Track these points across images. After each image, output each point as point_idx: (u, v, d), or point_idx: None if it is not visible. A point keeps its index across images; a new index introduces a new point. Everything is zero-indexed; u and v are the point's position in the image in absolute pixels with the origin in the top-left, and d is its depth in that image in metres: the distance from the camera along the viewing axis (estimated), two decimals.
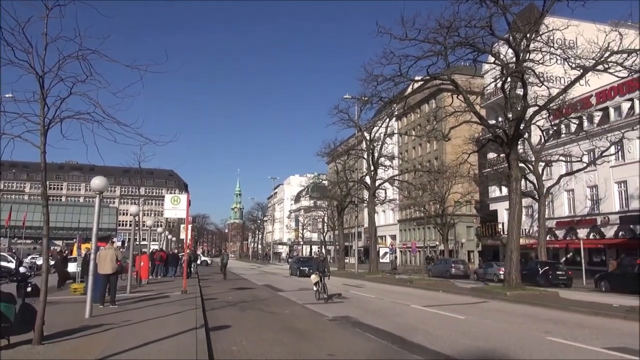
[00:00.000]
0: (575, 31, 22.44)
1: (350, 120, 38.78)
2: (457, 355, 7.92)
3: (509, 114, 21.78)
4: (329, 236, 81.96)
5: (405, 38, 20.90)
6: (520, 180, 22.36)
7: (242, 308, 14.02)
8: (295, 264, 38.71)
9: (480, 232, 52.73)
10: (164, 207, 20.34)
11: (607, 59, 18.56)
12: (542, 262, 29.85)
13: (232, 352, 7.71)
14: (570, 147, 36.23)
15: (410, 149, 67.81)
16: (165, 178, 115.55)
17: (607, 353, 8.15)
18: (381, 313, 13.77)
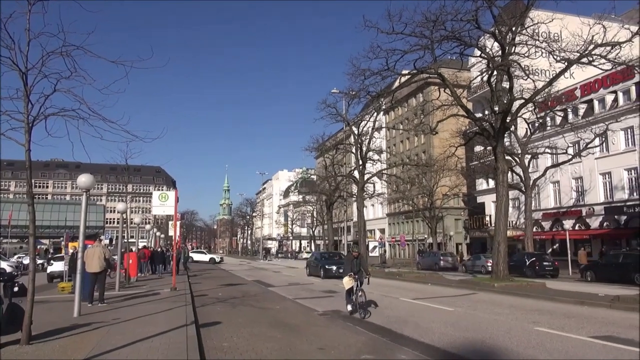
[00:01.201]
0: (559, 24, 22.60)
1: (338, 115, 38.78)
2: (447, 347, 8.00)
3: (496, 107, 21.94)
4: (318, 231, 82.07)
5: (392, 32, 20.94)
6: (507, 173, 22.56)
7: (233, 304, 14.00)
8: (317, 261, 28.54)
9: (468, 224, 53.19)
10: (152, 204, 20.20)
11: (591, 51, 18.77)
12: (529, 253, 30.27)
13: (223, 348, 7.71)
14: (556, 139, 36.65)
15: (398, 143, 68.03)
16: (152, 175, 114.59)
17: (592, 342, 8.30)
18: (371, 306, 13.83)
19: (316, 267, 27.44)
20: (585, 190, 37.48)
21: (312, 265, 28.75)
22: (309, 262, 30.08)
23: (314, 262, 28.89)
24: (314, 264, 28.45)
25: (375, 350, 7.49)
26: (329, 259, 28.10)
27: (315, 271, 27.50)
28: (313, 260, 29.44)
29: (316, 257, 30.13)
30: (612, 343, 8.12)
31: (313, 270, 28.02)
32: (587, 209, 37.09)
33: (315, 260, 29.11)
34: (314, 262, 28.65)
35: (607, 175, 35.99)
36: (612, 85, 35.52)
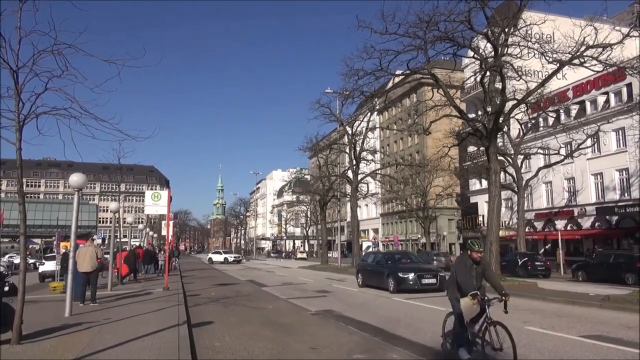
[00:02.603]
0: (552, 26, 22.75)
1: (332, 115, 38.85)
2: (439, 347, 8.03)
3: (488, 107, 22.04)
4: (312, 230, 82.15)
5: (386, 32, 20.98)
6: (499, 173, 22.67)
7: (225, 304, 13.98)
8: (379, 266, 19.65)
9: (461, 224, 53.40)
10: (145, 203, 20.12)
11: (582, 53, 18.90)
12: (521, 253, 30.42)
13: (215, 348, 7.70)
14: (548, 140, 36.87)
15: (392, 143, 68.17)
16: (145, 174, 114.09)
17: (583, 341, 8.37)
18: (364, 306, 13.88)
19: (379, 276, 18.85)
20: (577, 191, 37.74)
21: (370, 271, 20.11)
22: (363, 267, 21.30)
23: (374, 266, 20.08)
24: (374, 270, 19.74)
25: (368, 350, 7.51)
26: (399, 261, 19.58)
27: (376, 280, 19.20)
28: (372, 265, 20.42)
29: (377, 259, 20.85)
30: (602, 342, 8.19)
31: (372, 279, 19.70)
32: (579, 209, 37.34)
33: (376, 264, 20.11)
34: (375, 267, 19.90)
35: (598, 175, 36.25)
36: (604, 87, 35.78)
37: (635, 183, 33.26)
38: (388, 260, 19.81)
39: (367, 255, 24.95)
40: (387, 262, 19.38)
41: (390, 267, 18.73)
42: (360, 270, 21.25)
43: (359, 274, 21.20)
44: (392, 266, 18.82)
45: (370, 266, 20.54)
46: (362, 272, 20.83)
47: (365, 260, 22.26)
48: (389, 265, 19.00)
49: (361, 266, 21.73)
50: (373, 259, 21.30)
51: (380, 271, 18.92)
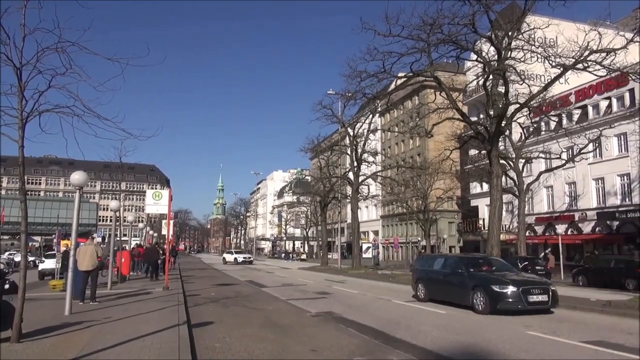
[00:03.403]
0: (555, 30, 22.81)
1: (333, 116, 38.91)
2: (439, 350, 8.01)
3: (491, 111, 22.04)
4: (312, 232, 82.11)
5: (389, 34, 21.01)
6: (501, 177, 22.67)
7: (225, 304, 13.95)
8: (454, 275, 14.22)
9: (462, 227, 53.33)
10: (146, 202, 20.11)
11: (586, 57, 18.92)
12: (521, 257, 30.30)
13: (215, 349, 7.68)
14: (550, 144, 36.83)
15: (393, 145, 68.15)
16: (146, 173, 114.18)
17: (584, 346, 8.33)
18: (364, 308, 13.85)
19: (457, 288, 13.68)
20: (579, 196, 37.68)
21: (441, 281, 14.64)
22: (425, 274, 15.60)
23: (447, 275, 14.44)
24: (447, 280, 14.32)
25: (368, 352, 7.48)
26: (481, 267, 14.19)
27: (451, 294, 14.05)
28: (443, 272, 14.71)
29: (451, 264, 14.81)
30: (604, 348, 8.15)
31: (443, 292, 14.45)
32: (580, 214, 37.28)
33: (451, 271, 14.34)
34: (448, 276, 14.35)
35: (600, 180, 36.19)
36: (606, 92, 35.73)
37: (636, 188, 33.21)
38: (470, 266, 13.90)
39: (428, 259, 18.09)
40: (470, 269, 13.60)
41: (477, 277, 13.21)
42: (423, 279, 15.46)
43: (418, 283, 15.60)
44: (481, 276, 13.31)
45: (439, 274, 14.74)
46: (425, 282, 15.23)
47: (429, 265, 15.99)
48: (475, 275, 13.37)
49: (423, 273, 15.75)
50: (443, 264, 15.03)
51: (460, 282, 13.45)
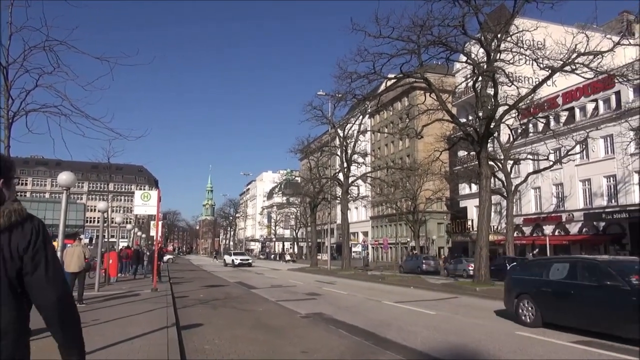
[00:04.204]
0: (544, 32, 22.96)
1: (323, 117, 38.87)
2: (429, 351, 8.01)
3: (480, 112, 22.17)
4: (302, 233, 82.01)
5: (380, 36, 21.05)
6: (490, 178, 22.81)
7: (214, 306, 13.85)
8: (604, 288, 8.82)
9: (451, 228, 53.63)
10: (134, 203, 19.91)
11: (574, 60, 19.11)
12: (510, 258, 30.56)
13: (205, 351, 7.61)
14: (538, 145, 37.17)
15: (383, 146, 68.34)
16: (134, 174, 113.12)
17: (573, 346, 8.39)
18: (354, 309, 13.83)
19: (611, 308, 8.77)
20: (566, 197, 38.07)
21: (568, 297, 9.80)
22: (538, 286, 10.55)
23: (586, 288, 9.44)
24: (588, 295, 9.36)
25: (358, 354, 7.46)
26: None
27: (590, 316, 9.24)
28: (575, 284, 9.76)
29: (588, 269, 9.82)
30: (593, 348, 8.21)
31: (572, 313, 9.70)
32: (567, 215, 37.66)
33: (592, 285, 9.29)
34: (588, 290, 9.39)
35: (586, 182, 36.60)
36: (593, 94, 36.16)
37: (622, 190, 33.64)
38: (631, 272, 9.06)
39: (538, 264, 11.89)
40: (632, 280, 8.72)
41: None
42: (531, 294, 10.48)
43: (523, 300, 10.61)
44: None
45: (564, 286, 9.93)
46: (536, 298, 10.32)
47: (540, 272, 10.78)
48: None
49: (530, 285, 10.72)
50: (571, 271, 10.05)
51: (613, 300, 8.73)
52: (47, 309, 1.99)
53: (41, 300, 1.99)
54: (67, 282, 2.21)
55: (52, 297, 1.99)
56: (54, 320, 2.02)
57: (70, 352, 2.10)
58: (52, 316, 2.01)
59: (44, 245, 1.98)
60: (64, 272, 1.64)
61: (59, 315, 2.02)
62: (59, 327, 2.04)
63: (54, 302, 2.00)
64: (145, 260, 27.00)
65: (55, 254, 2.07)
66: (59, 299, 2.01)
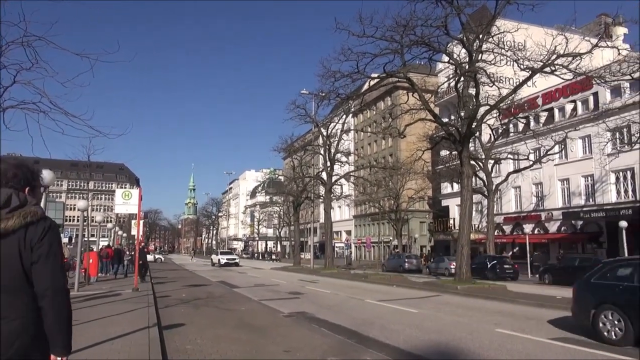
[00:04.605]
0: (524, 34, 23.33)
1: (307, 116, 38.85)
2: (411, 349, 8.08)
3: (462, 112, 22.39)
4: (285, 232, 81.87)
5: (363, 35, 21.12)
6: (471, 177, 23.06)
7: (197, 305, 13.75)
8: None
9: (433, 227, 54.08)
10: (115, 202, 19.64)
11: (553, 61, 19.43)
12: (490, 256, 30.98)
13: (187, 351, 7.55)
14: (518, 145, 37.72)
15: (366, 146, 68.59)
16: (115, 172, 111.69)
17: (551, 343, 8.55)
18: (337, 308, 13.87)
19: None
20: (545, 196, 38.70)
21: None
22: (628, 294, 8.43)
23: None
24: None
25: (341, 352, 7.48)
26: None
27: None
28: None
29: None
30: (570, 344, 8.38)
31: None
32: (546, 213, 38.29)
33: None
34: None
35: (565, 181, 37.26)
36: (572, 95, 36.83)
37: (599, 189, 34.33)
38: None
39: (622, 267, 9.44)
40: None
41: None
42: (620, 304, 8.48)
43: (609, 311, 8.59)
44: None
45: None
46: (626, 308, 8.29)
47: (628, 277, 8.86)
48: None
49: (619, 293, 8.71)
50: None
51: None
52: (42, 296, 2.24)
53: (38, 286, 2.24)
54: (65, 276, 2.45)
55: (47, 284, 2.24)
56: (45, 306, 2.24)
57: (55, 343, 2.27)
58: (44, 302, 2.24)
59: (50, 242, 2.30)
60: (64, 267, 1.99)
61: (51, 302, 2.24)
62: (50, 315, 2.25)
63: (48, 289, 2.24)
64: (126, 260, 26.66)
65: (59, 250, 2.35)
66: (54, 288, 2.25)
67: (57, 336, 2.28)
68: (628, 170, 32.37)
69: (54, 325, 2.27)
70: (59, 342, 2.29)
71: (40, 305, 2.25)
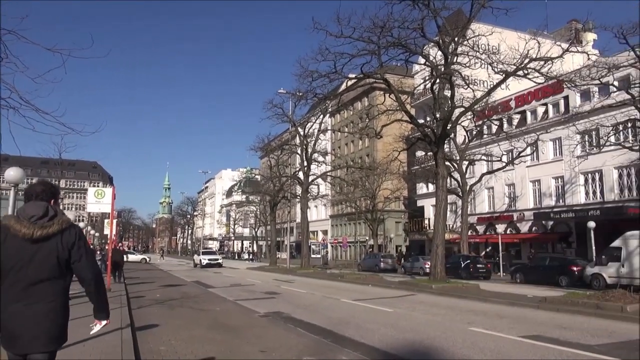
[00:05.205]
0: (498, 37, 23.78)
1: (284, 115, 38.79)
2: (386, 348, 8.15)
3: (437, 114, 22.68)
4: (261, 231, 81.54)
5: (341, 35, 21.20)
6: (446, 178, 23.37)
7: (171, 306, 13.59)
8: None
9: (408, 227, 54.61)
10: (88, 200, 19.22)
11: (526, 65, 19.86)
12: (464, 255, 31.50)
13: (160, 352, 7.45)
14: (491, 147, 38.42)
15: (343, 146, 68.83)
16: (88, 170, 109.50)
17: (522, 341, 8.74)
18: (312, 308, 13.89)
19: None
20: (517, 197, 39.52)
21: None
22: None
23: None
24: None
25: (317, 352, 7.50)
26: None
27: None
28: None
29: None
30: (540, 342, 8.58)
31: None
32: (518, 214, 39.10)
33: None
34: None
35: (536, 182, 38.12)
36: (544, 98, 37.70)
37: (569, 190, 35.24)
38: None
39: None
40: None
41: None
42: None
43: None
44: None
45: None
46: None
47: None
48: None
49: None
50: None
51: None
52: (88, 283, 3.22)
53: (84, 276, 3.20)
54: (98, 265, 3.44)
55: (90, 275, 3.22)
56: (91, 289, 3.25)
57: (100, 311, 3.39)
58: (90, 287, 3.24)
59: (84, 243, 3.19)
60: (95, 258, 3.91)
61: (95, 285, 3.25)
62: (94, 294, 3.29)
63: (92, 278, 3.23)
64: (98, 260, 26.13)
65: (89, 247, 3.27)
66: (95, 275, 3.25)
67: (102, 307, 3.37)
68: (596, 172, 33.32)
69: (99, 301, 3.33)
70: (105, 310, 3.40)
71: (89, 288, 3.24)
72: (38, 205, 3.07)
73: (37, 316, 2.97)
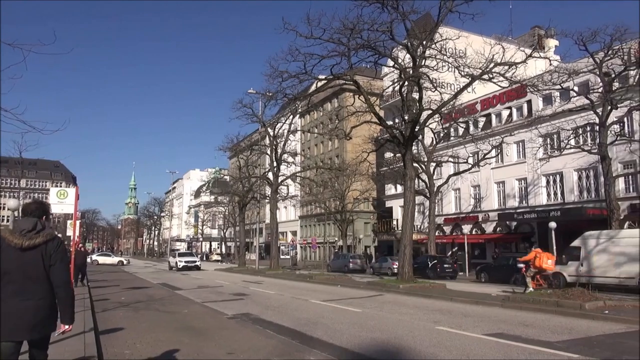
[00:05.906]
0: (465, 42, 24.26)
1: (254, 116, 38.51)
2: (355, 348, 8.21)
3: (406, 116, 22.99)
4: (230, 232, 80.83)
5: (311, 36, 21.23)
6: (414, 179, 23.69)
7: (136, 308, 13.33)
8: None
9: (377, 228, 55.09)
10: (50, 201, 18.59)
11: (491, 69, 20.37)
12: (431, 256, 32.00)
13: (125, 355, 7.31)
14: (458, 149, 39.20)
15: (313, 146, 68.94)
16: (50, 169, 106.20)
17: (486, 339, 8.95)
18: (281, 309, 13.85)
19: None
20: (482, 198, 40.43)
21: None
22: None
23: None
24: None
25: (285, 353, 7.49)
26: None
27: None
28: None
29: None
30: (503, 340, 8.81)
31: None
32: (483, 215, 40.01)
33: None
34: None
35: (501, 184, 39.09)
36: (508, 102, 38.73)
37: (532, 192, 36.28)
38: None
39: None
40: None
41: None
42: None
43: None
44: None
45: None
46: None
47: None
48: None
49: None
50: None
51: None
52: (57, 285, 3.75)
53: (55, 280, 3.74)
54: (69, 272, 4.02)
55: (61, 279, 3.78)
56: (60, 293, 3.76)
57: (65, 315, 3.84)
58: (60, 290, 3.76)
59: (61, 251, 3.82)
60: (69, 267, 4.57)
61: (63, 290, 3.77)
62: (62, 298, 3.78)
63: (62, 282, 3.77)
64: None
65: (66, 256, 3.87)
66: (65, 281, 3.80)
67: (67, 311, 3.84)
68: (557, 174, 34.43)
69: (65, 305, 3.80)
70: (68, 315, 3.86)
71: (57, 292, 3.74)
72: (29, 220, 3.78)
73: (27, 310, 3.60)
